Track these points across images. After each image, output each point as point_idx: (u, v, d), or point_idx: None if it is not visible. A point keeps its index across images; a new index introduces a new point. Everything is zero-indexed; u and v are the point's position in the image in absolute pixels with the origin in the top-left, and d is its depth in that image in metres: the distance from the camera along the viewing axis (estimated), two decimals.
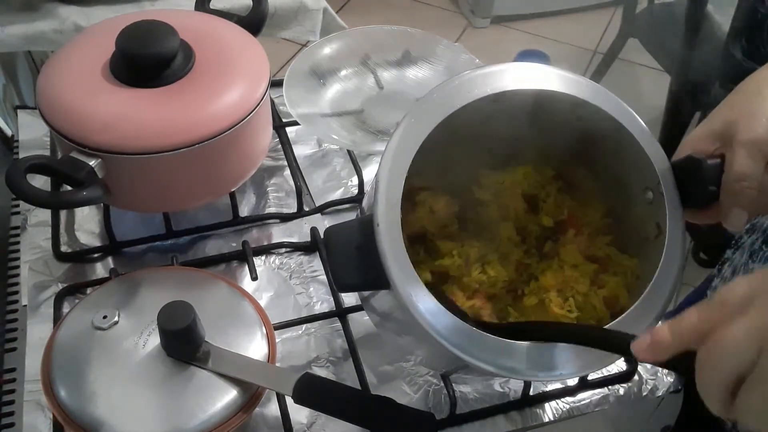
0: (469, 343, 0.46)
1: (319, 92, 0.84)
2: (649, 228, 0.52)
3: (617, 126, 0.52)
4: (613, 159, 0.55)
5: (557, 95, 0.52)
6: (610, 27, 2.45)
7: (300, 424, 0.60)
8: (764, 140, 0.46)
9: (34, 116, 0.82)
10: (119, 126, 0.61)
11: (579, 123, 0.54)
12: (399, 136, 0.48)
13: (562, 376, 0.47)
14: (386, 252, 0.45)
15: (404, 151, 0.48)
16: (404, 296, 0.45)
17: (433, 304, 0.46)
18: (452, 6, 2.62)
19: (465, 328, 0.46)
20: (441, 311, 0.46)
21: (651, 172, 0.51)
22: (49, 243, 0.71)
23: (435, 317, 0.46)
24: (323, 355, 0.65)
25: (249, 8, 0.74)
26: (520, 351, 0.46)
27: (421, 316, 0.45)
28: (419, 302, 0.45)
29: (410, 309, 0.45)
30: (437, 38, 0.89)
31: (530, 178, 0.60)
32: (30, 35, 0.98)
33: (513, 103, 0.52)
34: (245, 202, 0.77)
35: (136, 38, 0.63)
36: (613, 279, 0.55)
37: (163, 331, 0.53)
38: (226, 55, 0.67)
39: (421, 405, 0.62)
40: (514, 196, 0.60)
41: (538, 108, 0.53)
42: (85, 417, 0.52)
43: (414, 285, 0.46)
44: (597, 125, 0.53)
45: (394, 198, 0.47)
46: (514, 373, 0.47)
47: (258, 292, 0.69)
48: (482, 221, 0.60)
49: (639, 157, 0.52)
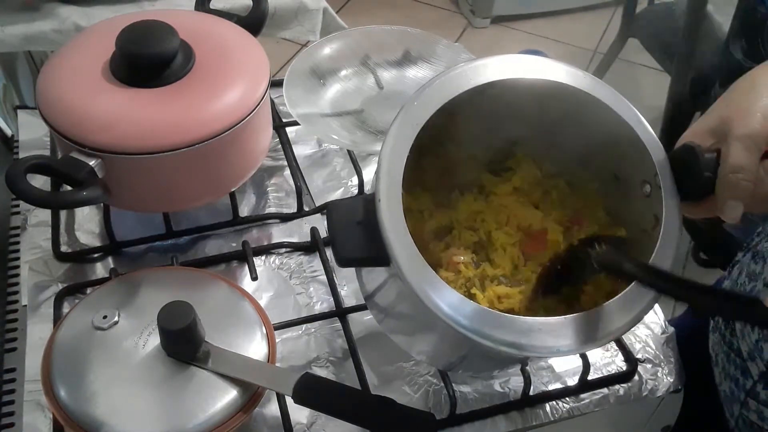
0: (471, 319, 0.46)
1: (319, 92, 0.84)
2: (647, 220, 0.52)
3: (616, 119, 0.52)
4: (611, 153, 0.56)
5: (556, 86, 0.52)
6: (610, 27, 2.45)
7: (300, 424, 0.60)
8: (759, 134, 0.47)
9: (34, 116, 0.82)
10: (119, 126, 0.61)
11: (578, 116, 0.54)
12: (401, 117, 0.50)
13: (560, 352, 0.47)
14: (387, 227, 0.46)
15: (406, 131, 0.49)
16: (404, 270, 0.46)
17: (433, 276, 0.46)
18: (452, 6, 2.62)
19: (467, 303, 0.46)
20: (441, 284, 0.46)
21: (649, 165, 0.51)
22: (49, 243, 0.71)
23: (435, 291, 0.46)
24: (323, 355, 0.65)
25: (249, 8, 0.74)
26: (521, 325, 0.46)
27: (421, 289, 0.46)
28: (419, 276, 0.46)
29: (409, 281, 0.46)
30: (437, 38, 0.89)
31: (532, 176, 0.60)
32: (30, 35, 0.99)
33: (512, 94, 0.53)
34: (245, 202, 0.77)
35: (136, 38, 0.63)
36: None
37: (163, 331, 0.53)
38: (226, 55, 0.67)
39: (421, 405, 0.62)
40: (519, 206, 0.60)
41: (537, 99, 0.54)
42: (85, 417, 0.52)
43: (414, 260, 0.46)
44: (595, 118, 0.53)
45: (396, 174, 0.48)
46: (513, 348, 0.46)
47: (258, 292, 0.69)
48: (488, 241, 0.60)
49: (637, 149, 0.52)
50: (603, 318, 0.47)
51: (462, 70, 0.51)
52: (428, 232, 0.59)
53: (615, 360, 0.67)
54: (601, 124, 0.53)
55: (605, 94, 0.53)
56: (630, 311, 0.48)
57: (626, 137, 0.52)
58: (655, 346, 0.68)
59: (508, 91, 0.53)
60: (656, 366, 0.67)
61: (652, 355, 0.67)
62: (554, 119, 0.56)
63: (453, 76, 0.51)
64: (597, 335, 0.47)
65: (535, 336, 0.46)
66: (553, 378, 0.65)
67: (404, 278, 0.46)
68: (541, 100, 0.54)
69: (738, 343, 0.62)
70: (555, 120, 0.56)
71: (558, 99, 0.53)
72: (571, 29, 2.48)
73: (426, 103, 0.50)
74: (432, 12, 2.58)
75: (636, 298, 0.48)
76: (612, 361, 0.67)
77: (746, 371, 0.60)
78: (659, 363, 0.67)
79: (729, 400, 0.63)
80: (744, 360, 0.60)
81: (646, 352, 0.68)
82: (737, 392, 0.61)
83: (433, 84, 0.51)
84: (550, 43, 2.42)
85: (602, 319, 0.47)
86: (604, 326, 0.47)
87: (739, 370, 0.61)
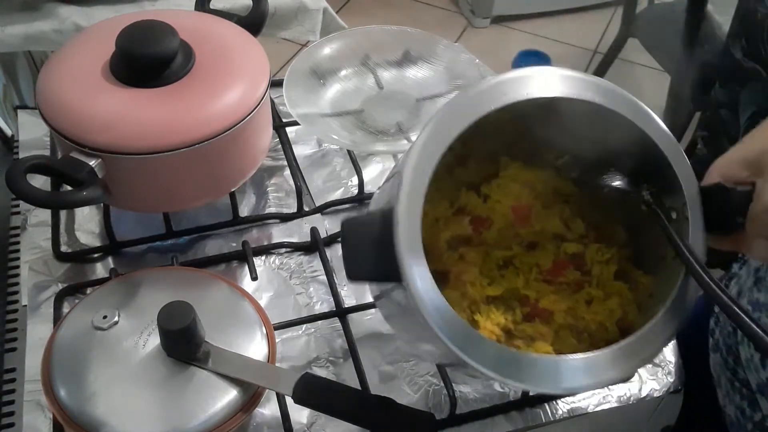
0: (473, 347, 0.45)
1: (319, 92, 0.84)
2: (668, 248, 0.50)
3: (647, 141, 0.49)
4: (637, 174, 0.53)
5: (586, 105, 0.49)
6: (610, 27, 2.45)
7: (300, 424, 0.60)
8: None
9: (34, 116, 0.82)
10: (119, 126, 0.61)
11: (606, 134, 0.52)
12: (428, 133, 0.47)
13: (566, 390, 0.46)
14: (402, 248, 0.45)
15: (432, 148, 0.46)
16: (415, 294, 0.44)
17: (442, 302, 0.45)
18: (452, 6, 2.62)
19: (470, 331, 0.45)
20: (450, 312, 0.45)
21: (678, 192, 0.49)
22: (49, 243, 0.71)
23: (443, 317, 0.45)
24: (323, 355, 0.65)
25: (249, 8, 0.74)
26: (526, 362, 0.45)
27: (430, 315, 0.45)
28: (430, 301, 0.44)
29: (420, 307, 0.44)
30: (437, 38, 0.89)
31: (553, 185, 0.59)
32: (30, 35, 0.99)
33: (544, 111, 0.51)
34: (245, 202, 0.77)
35: (136, 38, 0.63)
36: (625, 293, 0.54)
37: (163, 331, 0.53)
38: (226, 55, 0.67)
39: (421, 405, 0.62)
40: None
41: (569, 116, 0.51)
42: (85, 417, 0.52)
43: (429, 290, 0.45)
44: (626, 139, 0.51)
45: (417, 195, 0.46)
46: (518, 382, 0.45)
47: (258, 292, 0.69)
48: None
49: (666, 175, 0.49)
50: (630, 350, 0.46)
51: (496, 83, 0.48)
52: (443, 242, 0.57)
53: None
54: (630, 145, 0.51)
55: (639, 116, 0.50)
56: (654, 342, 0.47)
57: (656, 162, 0.50)
58: None
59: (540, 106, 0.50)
60: (656, 366, 0.67)
61: None
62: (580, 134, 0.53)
63: (486, 89, 0.48)
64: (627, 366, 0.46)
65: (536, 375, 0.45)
66: None
67: (418, 310, 0.44)
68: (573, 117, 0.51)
69: (744, 372, 0.60)
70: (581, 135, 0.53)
71: (598, 122, 0.51)
72: (571, 29, 2.48)
73: (457, 119, 0.47)
74: (432, 12, 2.58)
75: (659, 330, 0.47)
76: None
77: (754, 403, 0.59)
78: (659, 363, 0.67)
79: (735, 426, 0.63)
80: (753, 392, 0.59)
81: None
82: (743, 421, 0.61)
83: (464, 97, 0.48)
84: (550, 43, 2.42)
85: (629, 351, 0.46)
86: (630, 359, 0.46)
87: (746, 401, 0.60)
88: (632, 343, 0.46)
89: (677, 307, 0.47)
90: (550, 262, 0.57)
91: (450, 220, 0.58)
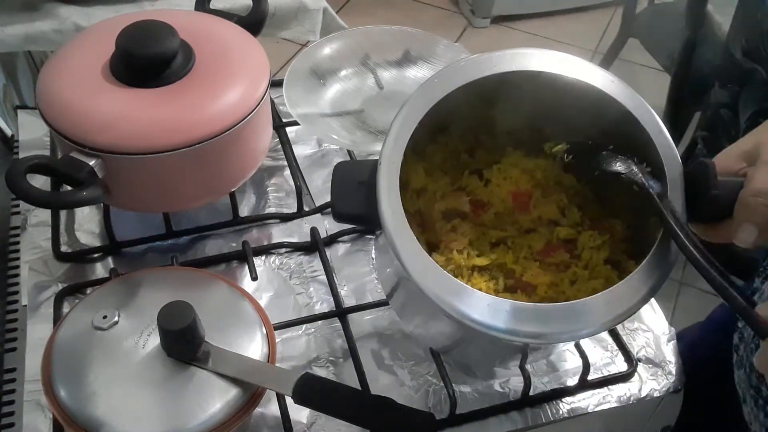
0: (450, 294, 0.46)
1: (319, 92, 0.84)
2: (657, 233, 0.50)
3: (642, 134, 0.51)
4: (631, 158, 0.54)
5: (582, 85, 0.53)
6: (610, 27, 2.45)
7: (300, 424, 0.60)
8: None
9: (34, 116, 0.82)
10: (119, 126, 0.61)
11: (599, 119, 0.53)
12: (420, 89, 0.51)
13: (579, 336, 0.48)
14: (382, 190, 0.49)
15: (421, 104, 0.51)
16: (392, 234, 0.48)
17: (418, 247, 0.48)
18: (452, 6, 2.62)
19: (447, 278, 0.47)
20: (427, 259, 0.47)
21: (663, 181, 0.50)
22: (49, 243, 0.71)
23: (418, 261, 0.47)
24: (323, 355, 0.65)
25: (249, 8, 0.74)
26: (500, 306, 0.46)
27: (405, 257, 0.47)
28: (404, 243, 0.48)
29: (396, 248, 0.47)
30: (437, 38, 0.89)
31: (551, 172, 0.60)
32: (30, 35, 0.99)
33: (532, 89, 0.53)
34: (245, 202, 0.77)
35: (136, 38, 0.63)
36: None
37: (163, 331, 0.53)
38: (226, 55, 0.67)
39: (421, 405, 0.62)
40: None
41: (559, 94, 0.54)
42: (85, 417, 0.52)
43: (401, 228, 0.48)
44: (619, 127, 0.52)
45: (401, 142, 0.50)
46: (532, 337, 0.47)
47: (258, 292, 0.69)
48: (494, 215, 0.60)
49: (654, 162, 0.51)
50: (619, 296, 0.47)
51: (489, 56, 0.53)
52: (437, 212, 0.59)
53: (615, 360, 0.67)
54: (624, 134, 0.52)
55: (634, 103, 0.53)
56: (640, 290, 0.47)
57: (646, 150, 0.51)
58: (655, 346, 0.68)
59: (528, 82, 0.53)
60: (656, 366, 0.67)
61: (652, 356, 0.67)
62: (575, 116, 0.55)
63: (479, 60, 0.53)
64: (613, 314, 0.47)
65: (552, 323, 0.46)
66: (553, 378, 0.65)
67: (391, 242, 0.47)
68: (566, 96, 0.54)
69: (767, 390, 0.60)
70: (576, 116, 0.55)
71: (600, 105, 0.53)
72: (571, 29, 2.48)
73: (446, 81, 0.51)
74: (432, 12, 2.59)
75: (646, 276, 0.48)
76: (612, 361, 0.67)
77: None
78: (659, 363, 0.67)
79: None
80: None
81: (646, 353, 0.68)
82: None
83: (457, 65, 0.52)
84: (550, 43, 2.42)
85: (617, 298, 0.47)
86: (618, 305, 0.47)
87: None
88: (614, 293, 0.47)
89: (657, 263, 0.48)
90: (543, 245, 0.59)
91: (448, 194, 0.60)
